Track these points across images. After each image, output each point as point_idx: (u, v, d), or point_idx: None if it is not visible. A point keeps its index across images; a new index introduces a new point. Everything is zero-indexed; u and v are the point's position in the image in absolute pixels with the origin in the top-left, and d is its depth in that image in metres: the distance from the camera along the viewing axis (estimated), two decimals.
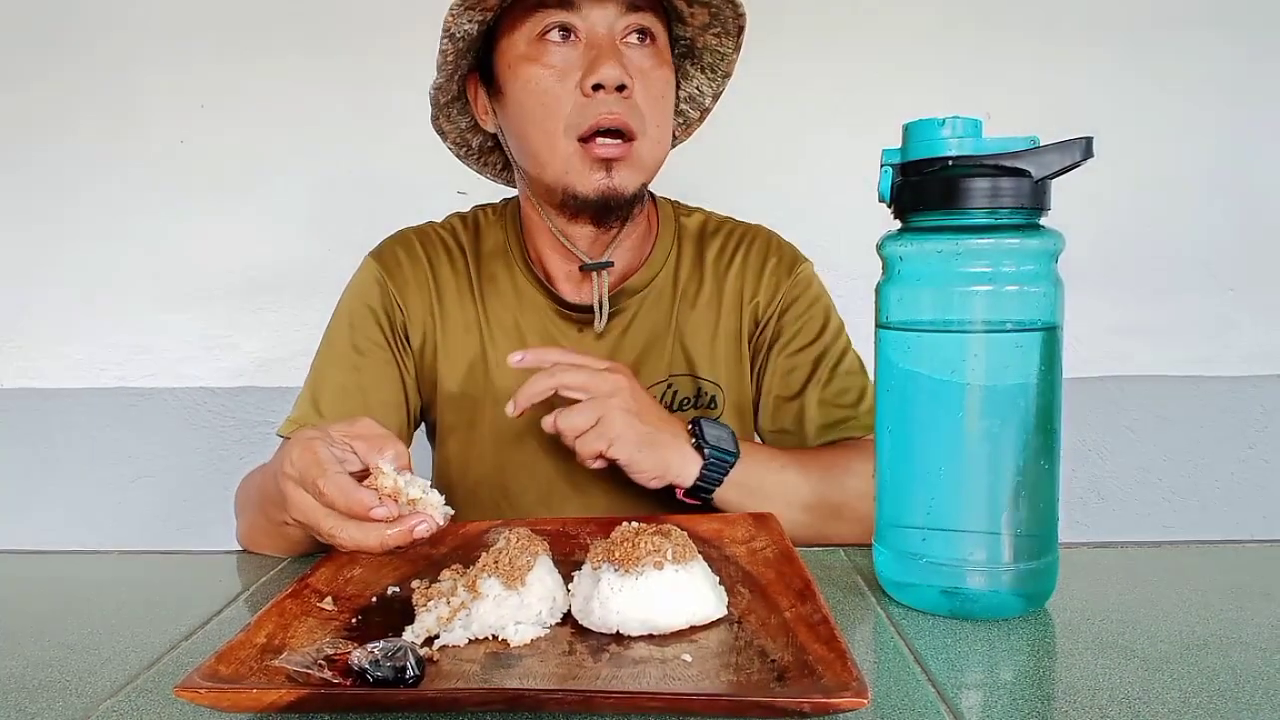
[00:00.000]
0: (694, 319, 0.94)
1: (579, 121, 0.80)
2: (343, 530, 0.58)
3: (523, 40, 0.81)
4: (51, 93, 1.55)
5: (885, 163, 0.62)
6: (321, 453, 0.60)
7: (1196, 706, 0.47)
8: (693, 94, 0.94)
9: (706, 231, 0.98)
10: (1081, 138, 0.56)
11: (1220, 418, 1.61)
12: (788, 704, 0.44)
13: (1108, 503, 1.64)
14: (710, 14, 0.83)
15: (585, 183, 0.81)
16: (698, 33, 0.86)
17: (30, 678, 0.54)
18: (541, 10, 0.80)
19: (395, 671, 0.47)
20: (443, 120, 0.92)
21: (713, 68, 0.90)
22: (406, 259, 0.94)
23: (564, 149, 0.81)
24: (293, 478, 0.61)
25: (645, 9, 0.81)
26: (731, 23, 0.84)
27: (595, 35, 0.80)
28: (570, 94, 0.80)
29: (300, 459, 0.60)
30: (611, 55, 0.79)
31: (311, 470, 0.59)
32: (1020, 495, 0.58)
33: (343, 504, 0.58)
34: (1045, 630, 0.58)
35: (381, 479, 0.60)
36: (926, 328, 0.59)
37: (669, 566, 0.55)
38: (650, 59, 0.82)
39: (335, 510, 0.58)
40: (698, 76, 0.92)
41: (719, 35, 0.86)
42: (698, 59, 0.90)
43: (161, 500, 1.63)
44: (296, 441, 0.62)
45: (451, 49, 0.81)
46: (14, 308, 1.59)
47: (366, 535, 0.58)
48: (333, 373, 0.90)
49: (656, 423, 0.79)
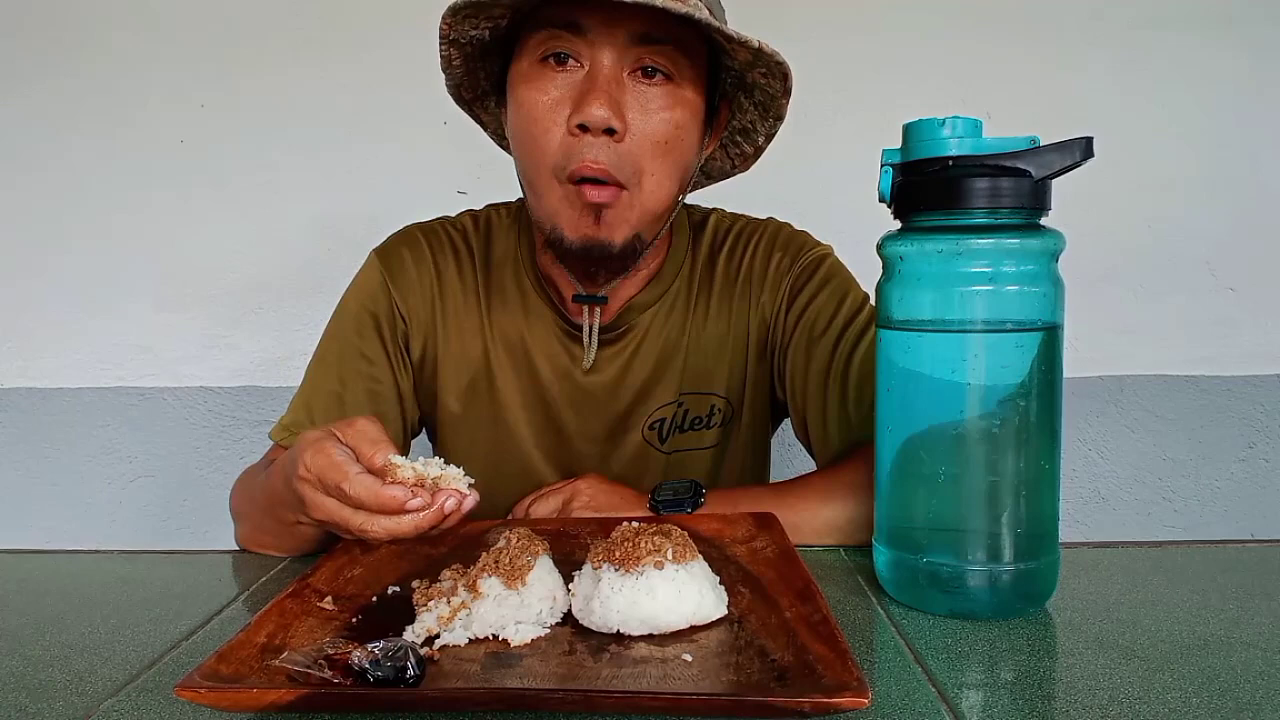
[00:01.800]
0: (708, 330, 0.91)
1: (564, 164, 0.75)
2: (375, 524, 0.58)
3: (527, 59, 0.76)
4: (52, 93, 1.55)
5: (885, 162, 0.62)
6: (336, 455, 0.60)
7: (1196, 706, 0.47)
8: (746, 128, 0.87)
9: (719, 235, 0.95)
10: (1081, 138, 0.56)
11: (1220, 418, 1.61)
12: (788, 704, 0.44)
13: (1108, 503, 1.64)
14: (752, 55, 0.75)
15: (572, 228, 0.77)
16: (745, 68, 0.78)
17: (30, 677, 0.54)
18: (548, 30, 0.75)
19: (395, 671, 0.47)
20: (480, 112, 0.89)
21: (764, 106, 0.82)
22: (412, 261, 0.91)
23: (555, 189, 0.77)
24: (309, 481, 0.61)
25: (663, 42, 0.74)
26: (775, 68, 0.76)
27: (599, 66, 0.74)
28: (559, 129, 0.75)
29: (314, 462, 0.60)
30: (603, 93, 0.73)
31: (331, 474, 0.59)
32: (1020, 495, 0.58)
33: (374, 503, 0.58)
34: (1045, 630, 0.58)
35: (400, 471, 0.60)
36: (927, 327, 0.59)
37: (669, 566, 0.55)
38: (660, 99, 0.76)
39: (364, 509, 0.59)
40: (751, 111, 0.84)
41: (765, 76, 0.78)
42: (750, 94, 0.82)
43: (161, 500, 1.63)
44: (306, 445, 0.62)
45: (458, 54, 0.78)
46: (14, 308, 1.59)
47: (399, 524, 0.58)
48: (327, 380, 0.89)
49: (622, 494, 0.83)
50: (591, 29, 0.73)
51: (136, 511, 1.63)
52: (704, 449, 0.93)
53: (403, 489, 0.58)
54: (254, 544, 0.80)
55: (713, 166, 0.93)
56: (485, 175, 0.98)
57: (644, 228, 0.80)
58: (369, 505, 0.58)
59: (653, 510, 0.80)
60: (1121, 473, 1.63)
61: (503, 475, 0.92)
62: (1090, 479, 1.63)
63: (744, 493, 0.82)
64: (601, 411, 0.91)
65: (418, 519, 0.58)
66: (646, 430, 0.91)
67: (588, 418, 0.91)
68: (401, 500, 0.57)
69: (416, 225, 0.95)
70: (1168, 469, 1.63)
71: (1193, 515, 1.63)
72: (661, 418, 0.91)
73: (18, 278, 1.59)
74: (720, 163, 0.93)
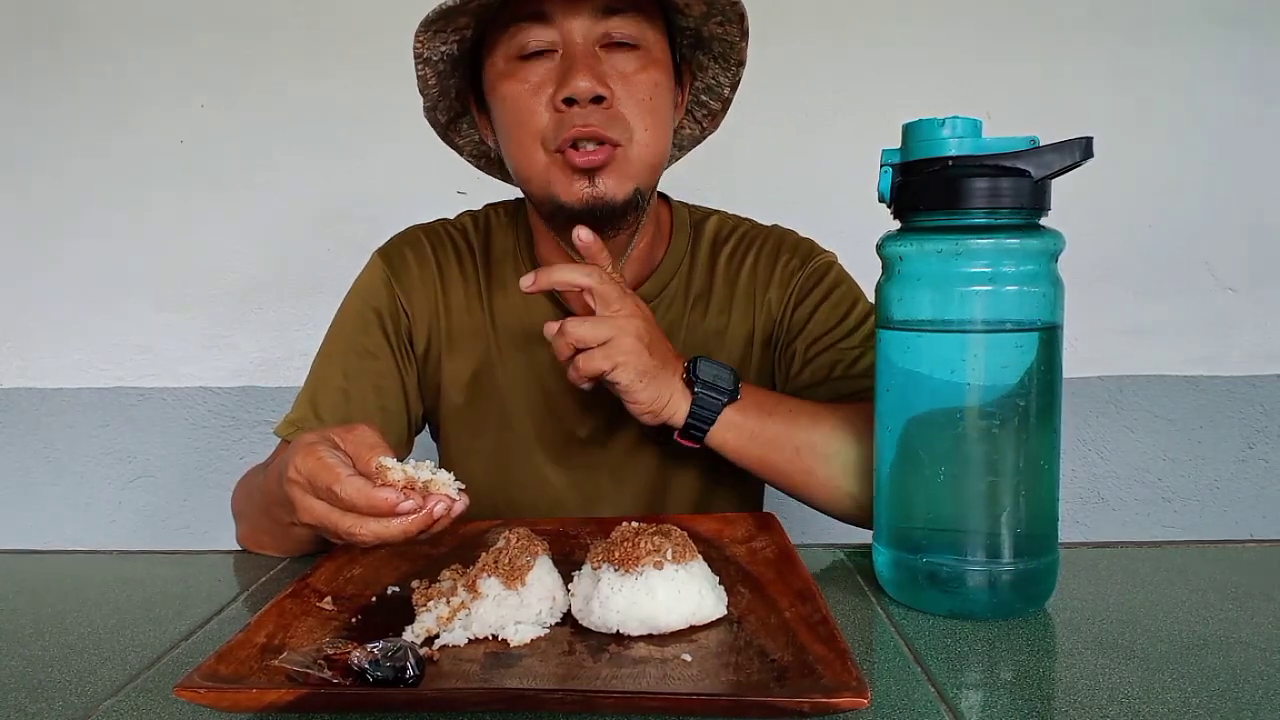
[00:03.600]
0: (705, 327, 0.92)
1: (555, 135, 0.77)
2: (363, 527, 0.58)
3: (501, 58, 0.79)
4: (52, 93, 1.55)
5: (885, 163, 0.62)
6: (327, 457, 0.59)
7: (1197, 706, 0.47)
8: (710, 85, 0.90)
9: (720, 235, 0.96)
10: (1081, 138, 0.56)
11: (1220, 418, 1.61)
12: (788, 704, 0.44)
13: (1108, 503, 1.64)
14: (706, 4, 0.79)
15: (569, 192, 0.79)
16: (700, 23, 0.82)
17: (30, 677, 0.54)
18: (515, 26, 0.77)
19: (395, 671, 0.47)
20: (454, 136, 0.91)
21: (724, 57, 0.86)
22: (415, 260, 0.93)
23: (541, 161, 0.79)
24: (299, 484, 0.60)
25: (625, 11, 0.78)
26: (730, 10, 0.80)
27: (571, 46, 0.77)
28: (546, 108, 0.77)
29: (305, 465, 0.60)
30: (584, 66, 0.76)
31: (322, 475, 0.58)
32: (1020, 495, 0.58)
33: (364, 505, 0.57)
34: (1045, 630, 0.58)
35: (390, 474, 0.59)
36: (927, 327, 0.59)
37: (669, 566, 0.55)
38: (634, 62, 0.79)
39: (355, 511, 0.58)
40: (712, 66, 0.88)
41: (722, 24, 0.82)
42: (708, 49, 0.86)
43: (161, 500, 1.63)
44: (298, 448, 0.62)
45: (431, 72, 0.80)
46: (14, 308, 1.59)
47: (388, 528, 0.57)
48: (333, 375, 0.89)
49: (664, 358, 0.77)
50: (556, 14, 0.77)
51: (136, 511, 1.63)
52: None
53: (394, 491, 0.57)
54: (253, 544, 0.80)
55: (682, 136, 0.95)
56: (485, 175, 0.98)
57: (642, 180, 0.81)
58: (360, 507, 0.57)
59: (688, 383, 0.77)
60: (1121, 473, 1.63)
61: (504, 468, 0.92)
62: (1090, 479, 1.63)
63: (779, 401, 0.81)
64: (600, 401, 0.91)
65: (406, 523, 0.57)
66: None
67: (588, 409, 0.91)
68: (393, 502, 0.56)
69: (418, 226, 0.96)
70: (1167, 469, 1.63)
71: (1192, 515, 1.63)
72: None
73: (18, 278, 1.59)
74: (689, 130, 0.95)
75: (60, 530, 1.62)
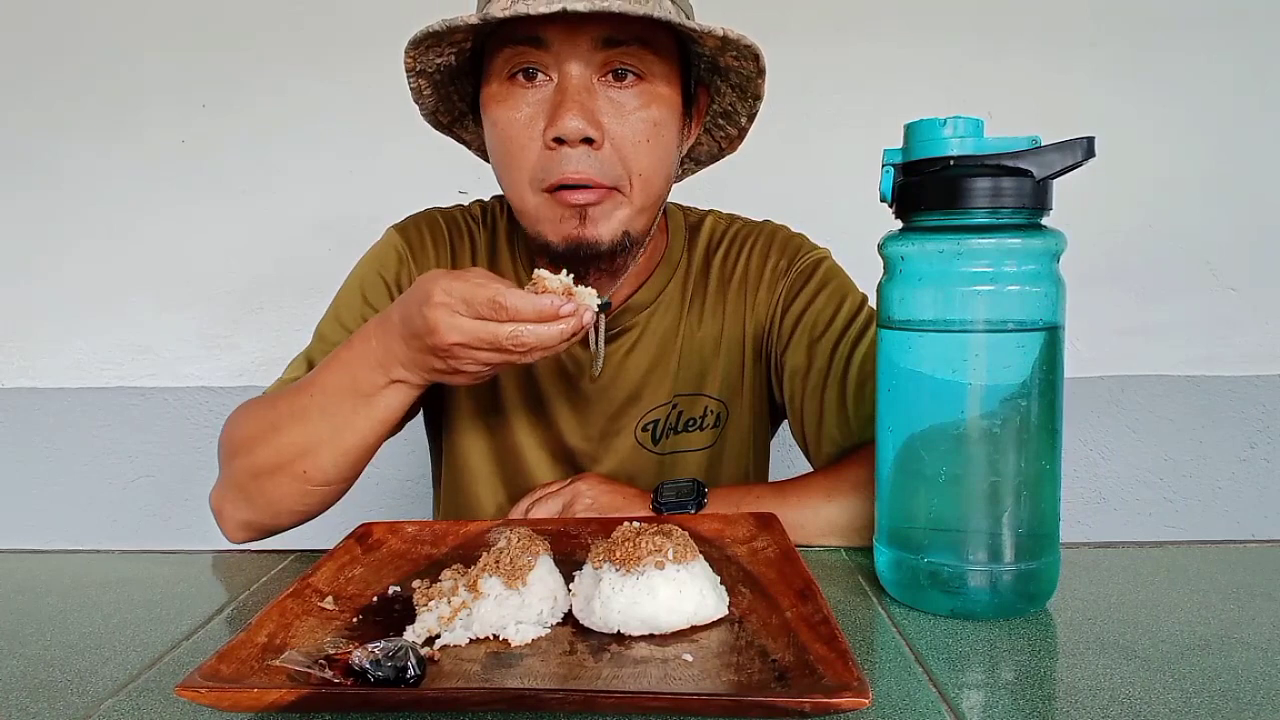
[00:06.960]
0: (702, 331, 0.91)
1: (543, 176, 0.75)
2: (528, 333, 0.63)
3: (495, 79, 0.76)
4: (52, 93, 1.55)
5: (887, 162, 0.62)
6: (477, 278, 0.65)
7: (1197, 707, 0.47)
8: (727, 110, 0.88)
9: (714, 236, 0.95)
10: (1083, 138, 0.56)
11: (1221, 418, 1.61)
12: (789, 704, 0.44)
13: (1108, 503, 1.64)
14: (720, 41, 0.74)
15: (555, 232, 0.77)
16: (715, 54, 0.78)
17: (31, 677, 0.54)
18: (512, 47, 0.74)
19: (396, 671, 0.47)
20: (460, 133, 0.91)
21: (740, 88, 0.83)
22: (430, 239, 0.92)
23: (531, 201, 0.77)
24: (447, 305, 0.64)
25: (629, 43, 0.74)
26: (745, 50, 0.76)
27: (567, 77, 0.73)
28: (535, 143, 0.75)
29: (455, 287, 0.64)
30: (575, 103, 0.72)
31: (480, 292, 0.63)
32: (1021, 495, 0.58)
33: (531, 311, 0.63)
34: (1045, 630, 0.57)
35: (548, 281, 0.65)
36: (928, 327, 0.59)
37: (670, 566, 0.55)
38: (634, 100, 0.75)
39: (518, 319, 0.63)
40: (729, 94, 0.85)
41: (738, 59, 0.78)
42: (724, 77, 0.83)
43: (161, 500, 1.63)
44: (434, 278, 0.66)
45: (426, 83, 0.79)
46: (15, 308, 1.59)
47: (550, 330, 0.63)
48: (337, 336, 0.87)
49: (624, 494, 0.82)
50: (553, 41, 0.73)
51: (136, 511, 1.63)
52: (698, 450, 0.92)
53: (557, 296, 0.63)
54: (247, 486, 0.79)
55: (700, 151, 0.94)
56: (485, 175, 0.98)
57: (633, 224, 0.80)
58: (525, 314, 0.62)
59: (655, 511, 0.80)
60: (1122, 473, 1.63)
61: (504, 468, 0.93)
62: (1091, 479, 1.63)
63: (746, 491, 0.82)
64: (594, 410, 0.91)
65: (563, 328, 0.63)
66: (639, 431, 0.91)
67: (582, 415, 0.91)
68: (558, 306, 0.62)
69: (435, 208, 0.96)
70: (1168, 469, 1.63)
71: (1193, 515, 1.63)
72: (655, 419, 0.91)
73: (18, 277, 1.59)
74: (707, 147, 0.94)
75: (61, 530, 1.62)
